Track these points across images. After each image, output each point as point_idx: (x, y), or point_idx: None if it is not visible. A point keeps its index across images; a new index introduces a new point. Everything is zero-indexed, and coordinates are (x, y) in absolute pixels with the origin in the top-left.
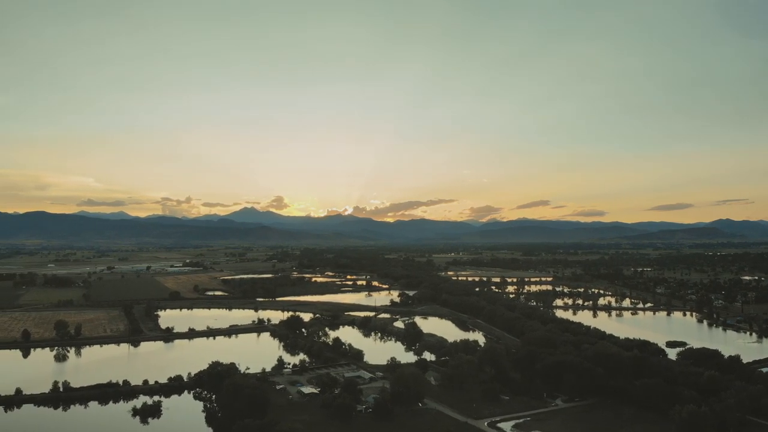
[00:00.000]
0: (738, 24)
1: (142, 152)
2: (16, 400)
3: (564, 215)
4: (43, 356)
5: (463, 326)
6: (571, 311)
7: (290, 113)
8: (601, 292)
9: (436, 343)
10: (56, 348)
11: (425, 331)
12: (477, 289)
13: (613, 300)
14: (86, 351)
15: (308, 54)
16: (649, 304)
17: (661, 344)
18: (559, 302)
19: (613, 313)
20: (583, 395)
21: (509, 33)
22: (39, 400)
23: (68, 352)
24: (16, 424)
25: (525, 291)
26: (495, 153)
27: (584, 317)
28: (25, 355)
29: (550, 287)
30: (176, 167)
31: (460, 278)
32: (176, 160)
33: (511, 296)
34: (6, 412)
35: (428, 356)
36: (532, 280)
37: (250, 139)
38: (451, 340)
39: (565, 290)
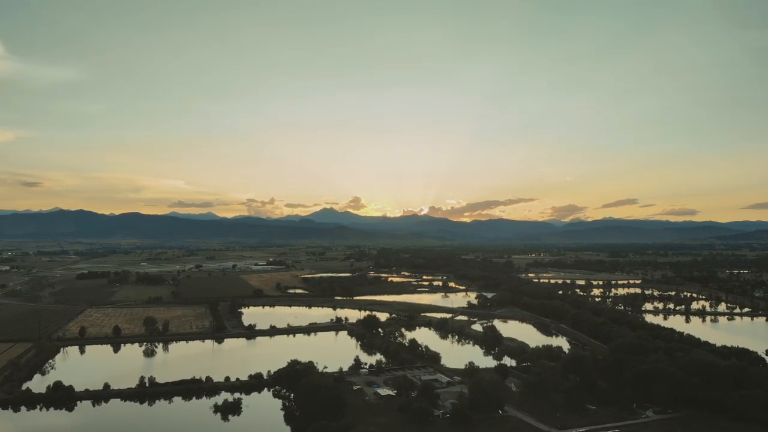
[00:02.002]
0: None
1: (228, 156)
2: (104, 394)
3: (653, 214)
4: (132, 351)
5: (546, 331)
6: (661, 316)
7: (368, 115)
8: (694, 295)
9: (516, 348)
10: (145, 343)
11: (505, 335)
12: (560, 292)
13: (707, 304)
14: (173, 347)
15: (385, 56)
16: (746, 309)
17: (761, 352)
18: (648, 306)
19: (708, 318)
20: (676, 407)
21: (585, 29)
22: (126, 395)
23: (156, 347)
24: (103, 419)
25: (612, 294)
26: (577, 150)
27: (676, 322)
28: (116, 350)
29: (638, 290)
30: (261, 170)
31: (541, 280)
32: (261, 163)
33: (596, 300)
34: (94, 406)
35: (508, 361)
36: (620, 282)
37: (330, 142)
38: (532, 345)
39: (655, 294)
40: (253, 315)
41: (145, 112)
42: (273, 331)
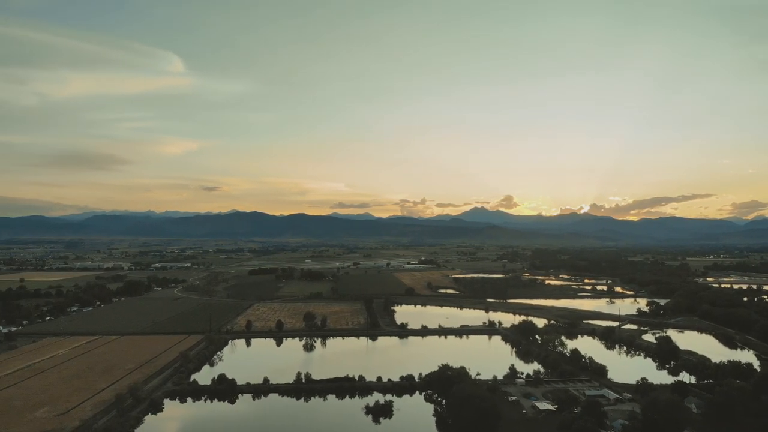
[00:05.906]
0: None
1: (383, 158)
2: (263, 389)
3: None
4: (292, 345)
5: (730, 343)
6: None
7: (520, 110)
8: None
9: (696, 363)
10: (304, 338)
11: (681, 347)
12: (745, 299)
13: None
14: (329, 342)
15: (537, 48)
16: None
17: None
18: None
19: None
20: None
21: (754, 7)
22: (283, 389)
23: (314, 342)
24: (262, 412)
25: None
26: (759, 140)
27: None
28: (278, 343)
29: None
30: (412, 170)
31: (722, 285)
32: (412, 164)
33: None
34: (254, 399)
35: (686, 378)
36: None
37: (479, 140)
38: (714, 359)
39: None
40: (404, 313)
41: (307, 119)
42: (424, 332)
